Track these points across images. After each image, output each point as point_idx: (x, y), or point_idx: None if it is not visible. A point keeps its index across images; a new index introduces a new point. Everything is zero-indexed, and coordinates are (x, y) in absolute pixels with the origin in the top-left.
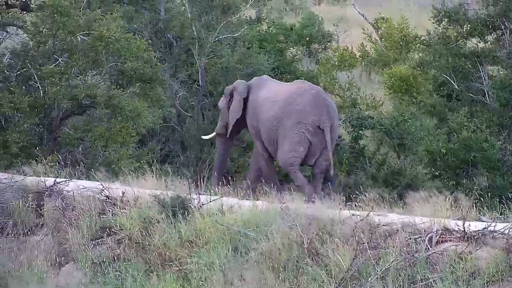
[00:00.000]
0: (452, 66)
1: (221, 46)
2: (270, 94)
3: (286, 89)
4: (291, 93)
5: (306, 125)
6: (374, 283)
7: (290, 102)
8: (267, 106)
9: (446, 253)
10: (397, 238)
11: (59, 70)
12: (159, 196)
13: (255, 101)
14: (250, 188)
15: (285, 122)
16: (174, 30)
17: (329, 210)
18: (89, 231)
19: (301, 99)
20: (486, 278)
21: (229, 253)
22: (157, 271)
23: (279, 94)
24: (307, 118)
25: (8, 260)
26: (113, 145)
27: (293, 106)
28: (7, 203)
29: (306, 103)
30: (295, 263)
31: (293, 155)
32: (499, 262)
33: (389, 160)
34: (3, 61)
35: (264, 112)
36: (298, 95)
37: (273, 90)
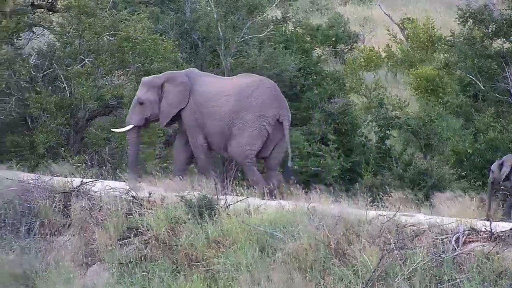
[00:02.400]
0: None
1: (247, 47)
2: (222, 88)
3: (239, 83)
4: (247, 87)
5: (267, 118)
6: (401, 284)
7: (247, 95)
8: (220, 100)
9: (473, 253)
10: (424, 238)
11: (85, 70)
12: (186, 196)
13: (202, 94)
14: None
15: (244, 115)
16: (200, 30)
17: (356, 210)
18: (116, 232)
19: (259, 92)
20: None
21: (256, 253)
22: (184, 272)
23: (232, 87)
24: (269, 111)
25: (36, 260)
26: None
27: (252, 99)
28: (34, 203)
29: (265, 96)
30: (321, 263)
31: (250, 147)
32: None
33: (416, 161)
34: (29, 61)
35: (217, 106)
36: (255, 88)
37: (223, 84)
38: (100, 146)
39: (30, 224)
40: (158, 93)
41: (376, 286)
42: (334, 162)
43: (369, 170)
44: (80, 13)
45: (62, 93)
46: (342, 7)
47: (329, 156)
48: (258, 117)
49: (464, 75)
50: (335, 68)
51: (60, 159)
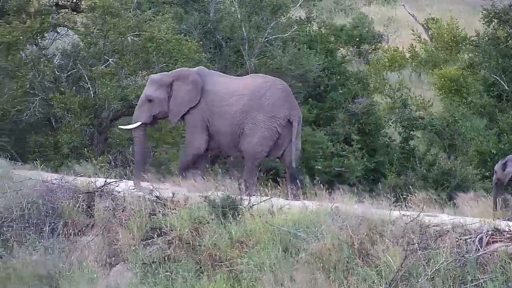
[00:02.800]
0: (502, 67)
1: (271, 47)
2: (235, 88)
3: (251, 83)
4: (259, 87)
5: (279, 119)
6: (424, 284)
7: (260, 96)
8: (233, 99)
9: (497, 253)
10: (447, 238)
11: (109, 71)
12: (210, 196)
13: (215, 93)
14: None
15: (256, 115)
16: (223, 31)
17: (379, 210)
18: (139, 232)
19: (271, 93)
20: None
21: (279, 253)
22: (207, 272)
23: (245, 87)
24: (280, 112)
25: (59, 260)
26: (163, 146)
27: (264, 99)
28: (58, 203)
29: (277, 97)
30: (345, 263)
31: (262, 149)
32: None
33: (439, 161)
34: (54, 62)
35: (228, 106)
36: (267, 89)
37: (235, 84)
38: (124, 146)
39: (53, 224)
40: (167, 91)
41: (400, 286)
42: (357, 162)
43: (393, 171)
44: (105, 13)
45: (86, 93)
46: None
47: (352, 156)
48: (269, 118)
49: (488, 75)
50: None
51: (83, 159)
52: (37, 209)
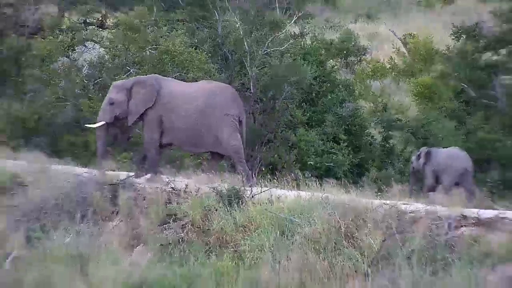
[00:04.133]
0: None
1: (270, 58)
2: (187, 91)
3: (204, 86)
4: (212, 90)
5: (233, 116)
6: (401, 263)
7: (214, 97)
8: (187, 99)
9: (463, 237)
10: (421, 224)
11: None
12: (217, 187)
13: (169, 96)
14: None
15: (213, 113)
16: (229, 45)
17: (363, 199)
18: (157, 218)
19: (223, 95)
20: (497, 258)
21: (277, 236)
22: (215, 252)
23: (199, 90)
24: (231, 111)
25: (88, 243)
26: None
27: (218, 101)
28: (88, 194)
29: (229, 99)
30: (333, 245)
31: (236, 143)
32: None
33: None
34: (82, 72)
35: (184, 104)
36: (220, 92)
37: (187, 88)
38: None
39: (83, 212)
40: (127, 94)
41: (380, 264)
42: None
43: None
44: (127, 29)
45: None
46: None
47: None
48: (224, 115)
49: (457, 83)
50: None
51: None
52: (69, 199)
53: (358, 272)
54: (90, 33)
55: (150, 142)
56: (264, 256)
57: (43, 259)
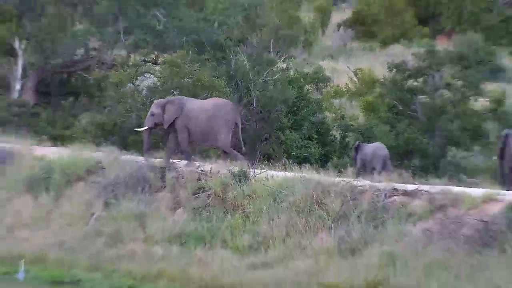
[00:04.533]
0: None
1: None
2: (202, 106)
3: (213, 102)
4: (218, 104)
5: (231, 121)
6: (353, 220)
7: (219, 109)
8: (201, 111)
9: (394, 203)
10: (366, 194)
11: None
12: (231, 169)
13: (190, 110)
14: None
15: (217, 120)
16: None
17: (328, 178)
18: (191, 190)
19: (226, 107)
20: (418, 217)
21: (271, 203)
22: (230, 213)
23: (209, 105)
24: (230, 117)
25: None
26: None
27: (222, 111)
28: (145, 174)
29: (229, 110)
30: (308, 208)
31: (228, 140)
32: (425, 207)
33: None
34: (142, 93)
35: (199, 116)
36: (223, 105)
37: (202, 104)
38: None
39: (142, 186)
40: (162, 109)
41: (339, 222)
42: (316, 151)
43: (336, 156)
44: (171, 65)
45: None
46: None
47: (313, 147)
48: (227, 121)
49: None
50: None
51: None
52: (133, 178)
53: (325, 226)
54: (147, 68)
55: (182, 140)
56: (263, 216)
57: (116, 217)
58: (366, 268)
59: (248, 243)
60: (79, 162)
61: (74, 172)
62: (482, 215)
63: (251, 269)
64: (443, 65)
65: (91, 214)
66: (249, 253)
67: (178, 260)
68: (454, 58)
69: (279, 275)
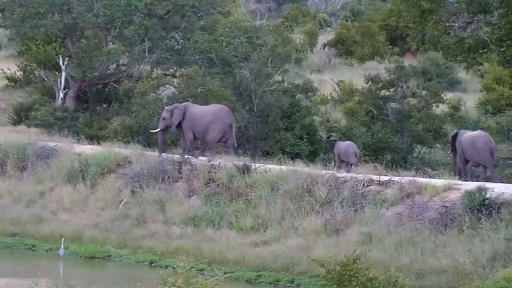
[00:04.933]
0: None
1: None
2: (203, 110)
3: (213, 107)
4: (216, 109)
5: (226, 123)
6: (337, 205)
7: (217, 113)
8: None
9: (371, 191)
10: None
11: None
12: (236, 163)
13: (193, 114)
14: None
15: (215, 122)
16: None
17: (317, 170)
18: (203, 180)
19: (222, 111)
20: (390, 202)
21: (269, 191)
22: (236, 200)
23: (209, 110)
24: (226, 121)
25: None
26: None
27: (220, 115)
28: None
29: (225, 114)
30: (300, 195)
31: (216, 137)
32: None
33: None
34: (163, 101)
35: (201, 118)
36: (220, 110)
37: (204, 108)
38: None
39: (163, 177)
40: (170, 114)
41: (326, 207)
42: (306, 148)
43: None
44: (188, 78)
45: None
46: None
47: (303, 145)
48: (222, 123)
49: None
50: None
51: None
52: (155, 170)
53: (313, 210)
54: (167, 80)
55: (187, 139)
56: (262, 202)
57: (141, 203)
58: (348, 244)
59: (250, 225)
60: (111, 157)
61: (107, 165)
62: (443, 201)
63: (253, 246)
64: (410, 78)
65: (120, 200)
66: (250, 233)
67: (192, 239)
68: (418, 72)
69: (275, 251)
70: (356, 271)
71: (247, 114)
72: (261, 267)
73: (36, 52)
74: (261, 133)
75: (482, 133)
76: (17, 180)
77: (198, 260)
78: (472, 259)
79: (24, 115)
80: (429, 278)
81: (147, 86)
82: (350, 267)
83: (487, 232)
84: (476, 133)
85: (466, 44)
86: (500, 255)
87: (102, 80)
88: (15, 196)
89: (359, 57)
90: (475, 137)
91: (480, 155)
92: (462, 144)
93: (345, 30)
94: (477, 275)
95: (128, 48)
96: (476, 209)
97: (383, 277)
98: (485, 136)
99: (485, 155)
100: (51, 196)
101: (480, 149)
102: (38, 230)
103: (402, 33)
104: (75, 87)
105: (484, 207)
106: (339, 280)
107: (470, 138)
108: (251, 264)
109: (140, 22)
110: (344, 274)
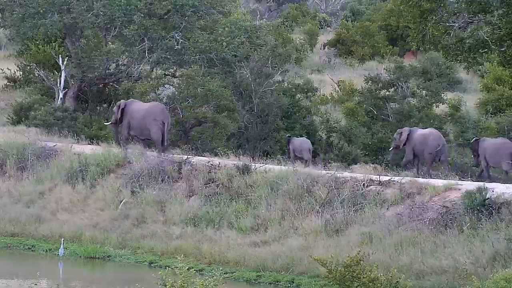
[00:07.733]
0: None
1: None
2: (139, 107)
3: (147, 105)
4: (150, 106)
5: (159, 121)
6: (337, 205)
7: (150, 110)
8: (138, 111)
9: (371, 191)
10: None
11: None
12: (236, 163)
13: (131, 110)
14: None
15: (147, 118)
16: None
17: (317, 170)
18: (203, 180)
19: (155, 109)
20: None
21: (269, 191)
22: (235, 200)
23: (144, 106)
24: (159, 117)
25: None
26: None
27: (151, 112)
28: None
29: (158, 111)
30: (300, 195)
31: (159, 135)
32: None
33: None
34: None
35: (137, 114)
36: (153, 107)
37: (141, 105)
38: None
39: (162, 177)
40: (117, 109)
41: (326, 207)
42: None
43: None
44: (187, 77)
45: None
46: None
47: None
48: (154, 120)
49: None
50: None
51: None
52: (155, 170)
53: (313, 210)
54: (167, 80)
55: (123, 132)
56: (262, 202)
57: (140, 203)
58: (348, 245)
59: (250, 225)
60: (111, 157)
61: (106, 165)
62: (443, 201)
63: (252, 246)
64: (410, 78)
65: (120, 200)
66: (250, 233)
67: (192, 239)
68: (418, 72)
69: (275, 251)
70: (359, 272)
71: (247, 114)
72: (261, 267)
73: (36, 52)
74: (261, 133)
75: (433, 130)
76: (17, 180)
77: (198, 260)
78: (472, 259)
79: (23, 115)
80: (429, 278)
81: (147, 86)
82: (353, 268)
83: (487, 232)
84: (427, 131)
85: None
86: (500, 255)
87: (101, 80)
88: (15, 196)
89: (359, 57)
90: (427, 134)
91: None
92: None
93: (345, 30)
94: (477, 275)
95: (128, 48)
96: (477, 209)
97: (384, 278)
98: (435, 133)
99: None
100: (51, 196)
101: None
102: (37, 230)
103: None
104: (75, 87)
105: (485, 207)
106: (340, 280)
107: (421, 135)
108: (251, 264)
109: (140, 22)
110: (346, 274)
